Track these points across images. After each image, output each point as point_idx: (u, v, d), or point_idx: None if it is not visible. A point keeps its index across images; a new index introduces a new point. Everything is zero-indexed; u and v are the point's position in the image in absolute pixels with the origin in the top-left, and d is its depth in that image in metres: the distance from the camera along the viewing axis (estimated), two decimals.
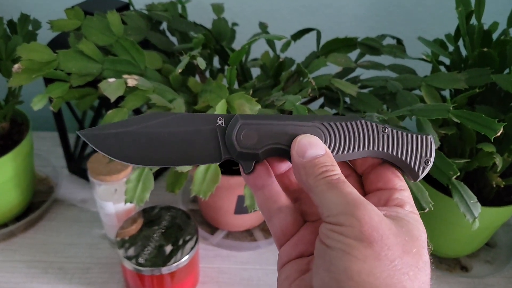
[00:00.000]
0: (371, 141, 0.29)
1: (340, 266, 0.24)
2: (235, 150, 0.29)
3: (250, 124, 0.29)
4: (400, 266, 0.24)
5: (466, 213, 0.49)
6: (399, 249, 0.24)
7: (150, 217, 0.63)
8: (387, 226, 0.25)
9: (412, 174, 0.29)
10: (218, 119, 0.29)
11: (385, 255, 0.24)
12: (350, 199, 0.25)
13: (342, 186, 0.26)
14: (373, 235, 0.24)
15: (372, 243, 0.24)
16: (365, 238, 0.24)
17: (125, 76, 0.50)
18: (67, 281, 0.64)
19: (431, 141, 0.29)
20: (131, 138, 0.29)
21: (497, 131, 0.42)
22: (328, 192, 0.26)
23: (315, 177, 0.27)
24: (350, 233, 0.24)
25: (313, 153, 0.28)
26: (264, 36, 0.49)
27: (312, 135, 0.29)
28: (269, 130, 0.29)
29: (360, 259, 0.23)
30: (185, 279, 0.61)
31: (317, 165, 0.27)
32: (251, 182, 0.31)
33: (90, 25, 0.55)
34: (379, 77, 0.61)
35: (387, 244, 0.24)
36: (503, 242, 0.74)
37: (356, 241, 0.24)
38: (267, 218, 0.31)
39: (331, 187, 0.26)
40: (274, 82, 0.62)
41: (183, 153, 0.29)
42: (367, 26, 0.85)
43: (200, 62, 0.49)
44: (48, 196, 0.76)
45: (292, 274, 0.29)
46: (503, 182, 0.58)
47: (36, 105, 0.49)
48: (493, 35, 0.59)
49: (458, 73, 0.55)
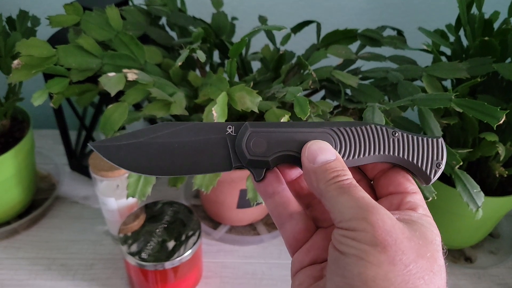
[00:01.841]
0: (381, 146, 0.29)
1: (354, 272, 0.24)
2: (246, 158, 0.29)
3: (259, 132, 0.29)
4: (415, 270, 0.23)
5: (469, 203, 0.49)
6: (413, 253, 0.24)
7: (152, 213, 0.63)
8: (400, 230, 0.24)
9: (424, 178, 0.29)
10: (228, 128, 0.29)
11: (400, 259, 0.23)
12: (362, 204, 0.25)
13: (353, 190, 0.26)
14: (386, 239, 0.24)
15: (386, 247, 0.23)
16: (379, 243, 0.24)
17: (125, 71, 0.50)
18: (71, 277, 0.64)
19: (442, 144, 0.29)
20: (142, 149, 0.29)
21: (500, 119, 0.42)
22: (339, 197, 0.26)
23: (326, 182, 0.27)
24: (363, 238, 0.24)
25: (323, 159, 0.28)
26: (264, 27, 0.48)
27: (322, 141, 0.28)
28: (278, 137, 0.29)
29: (374, 264, 0.23)
30: (188, 274, 0.61)
31: (328, 170, 0.27)
32: (262, 190, 0.31)
33: (89, 20, 0.55)
34: (379, 68, 0.60)
35: (401, 248, 0.24)
36: (507, 232, 0.74)
37: (369, 246, 0.24)
38: (279, 225, 0.31)
39: (342, 192, 0.26)
40: (274, 75, 0.62)
41: (194, 162, 0.29)
42: (367, 18, 0.85)
43: (200, 55, 0.49)
44: (50, 193, 0.76)
45: (306, 281, 0.28)
46: (506, 172, 0.58)
47: (36, 100, 0.49)
48: (494, 24, 0.58)
49: (459, 63, 0.55)
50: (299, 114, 0.44)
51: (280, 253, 0.70)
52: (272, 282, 0.65)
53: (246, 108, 0.47)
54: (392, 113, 0.53)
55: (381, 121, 0.45)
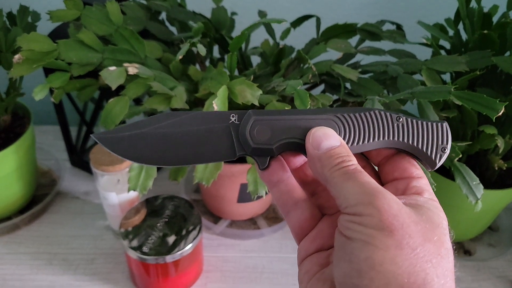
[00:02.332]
0: (386, 131, 0.29)
1: (361, 256, 0.23)
2: (250, 146, 0.29)
3: (263, 120, 0.29)
4: (422, 254, 0.23)
5: (468, 195, 0.49)
6: (420, 237, 0.24)
7: (153, 207, 0.63)
8: (407, 214, 0.24)
9: (429, 163, 0.29)
10: (231, 116, 0.29)
11: (407, 243, 0.23)
12: (368, 188, 0.25)
13: (359, 175, 0.26)
14: (393, 223, 0.23)
15: (392, 231, 0.23)
16: (385, 227, 0.23)
17: (126, 65, 0.50)
18: (72, 272, 0.65)
19: (446, 128, 0.29)
20: (145, 140, 0.29)
21: (499, 111, 0.42)
22: (345, 183, 0.26)
23: (331, 168, 0.27)
24: (369, 223, 0.24)
25: (328, 145, 0.27)
26: (264, 20, 0.48)
27: (326, 127, 0.28)
28: (282, 125, 0.29)
29: (381, 249, 0.23)
30: (189, 268, 0.61)
31: (333, 156, 0.27)
32: (267, 178, 0.31)
33: (89, 15, 0.55)
34: (379, 62, 0.60)
35: (408, 232, 0.24)
36: (506, 225, 0.75)
37: (376, 230, 0.23)
38: (284, 213, 0.31)
39: (347, 177, 0.26)
40: (274, 70, 0.62)
41: (197, 152, 0.29)
42: (367, 13, 0.85)
43: (200, 48, 0.49)
44: (51, 189, 0.76)
45: (312, 268, 0.28)
46: (505, 165, 0.58)
47: (38, 95, 0.49)
48: (493, 18, 0.58)
49: (458, 56, 0.55)
50: (299, 107, 0.44)
51: (281, 247, 0.70)
52: (273, 276, 0.65)
53: (246, 101, 0.47)
54: (392, 106, 0.54)
55: None
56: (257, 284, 0.64)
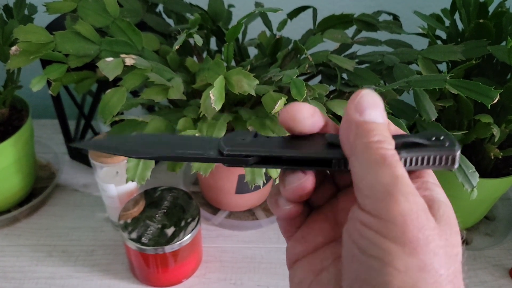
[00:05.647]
0: None
1: (378, 280, 0.20)
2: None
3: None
4: (446, 274, 0.20)
5: (464, 183, 0.50)
6: (443, 254, 0.20)
7: (152, 199, 0.64)
8: (432, 223, 0.21)
9: (449, 168, 0.25)
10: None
11: (431, 264, 0.20)
12: (400, 185, 0.21)
13: (395, 165, 0.21)
14: (418, 238, 0.20)
15: (416, 249, 0.20)
16: (408, 242, 0.20)
17: (123, 56, 0.50)
18: (72, 263, 0.65)
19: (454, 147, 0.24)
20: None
21: (494, 98, 0.43)
22: (376, 166, 0.21)
23: (367, 141, 0.22)
24: (390, 233, 0.20)
25: (373, 115, 0.23)
26: (260, 9, 0.49)
27: (378, 96, 0.24)
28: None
29: (401, 272, 0.20)
30: (188, 258, 0.62)
31: (374, 130, 0.23)
32: None
33: (86, 7, 0.55)
34: (376, 52, 0.61)
35: (433, 249, 0.20)
36: (502, 215, 0.75)
37: (397, 245, 0.20)
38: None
39: (382, 161, 0.21)
40: (271, 61, 0.62)
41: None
42: (363, 4, 0.85)
43: (197, 39, 0.49)
44: (50, 182, 0.77)
45: (306, 277, 0.26)
46: (501, 153, 0.58)
47: (35, 86, 0.49)
48: (489, 7, 0.59)
49: (454, 45, 0.55)
50: (295, 96, 0.44)
51: (278, 238, 0.70)
52: (271, 266, 0.66)
53: (243, 91, 0.48)
54: (388, 96, 0.54)
55: None
56: (256, 274, 0.65)
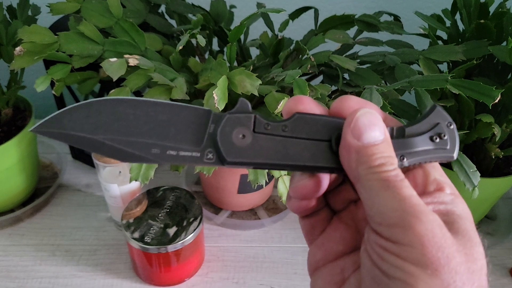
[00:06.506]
0: None
1: None
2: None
3: None
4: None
5: (465, 182, 0.50)
6: (465, 271, 0.20)
7: (154, 198, 0.64)
8: (450, 240, 0.21)
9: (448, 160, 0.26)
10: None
11: (454, 282, 0.20)
12: (409, 207, 0.21)
13: (400, 186, 0.22)
14: (438, 257, 0.20)
15: (438, 269, 0.20)
16: (429, 263, 0.20)
17: (126, 56, 0.50)
18: (75, 262, 0.65)
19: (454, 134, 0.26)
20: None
21: (495, 98, 0.43)
22: (381, 192, 0.22)
23: (368, 168, 0.22)
24: (409, 256, 0.20)
25: (371, 137, 0.23)
26: (262, 10, 0.49)
27: (373, 112, 0.24)
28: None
29: None
30: (191, 257, 0.62)
31: (374, 154, 0.23)
32: None
33: (89, 8, 0.55)
34: (377, 53, 0.61)
35: (454, 268, 0.20)
36: (504, 214, 0.75)
37: (418, 268, 0.20)
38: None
39: (386, 186, 0.22)
40: (273, 61, 0.63)
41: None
42: (364, 5, 0.85)
43: (200, 39, 0.49)
44: (52, 181, 0.77)
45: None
46: (502, 153, 0.59)
47: (39, 86, 0.49)
48: (489, 8, 0.59)
49: (455, 46, 0.55)
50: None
51: (281, 237, 0.71)
52: (273, 265, 0.66)
53: (246, 91, 0.48)
54: (390, 96, 0.54)
55: (379, 103, 0.46)
56: (258, 273, 0.65)
